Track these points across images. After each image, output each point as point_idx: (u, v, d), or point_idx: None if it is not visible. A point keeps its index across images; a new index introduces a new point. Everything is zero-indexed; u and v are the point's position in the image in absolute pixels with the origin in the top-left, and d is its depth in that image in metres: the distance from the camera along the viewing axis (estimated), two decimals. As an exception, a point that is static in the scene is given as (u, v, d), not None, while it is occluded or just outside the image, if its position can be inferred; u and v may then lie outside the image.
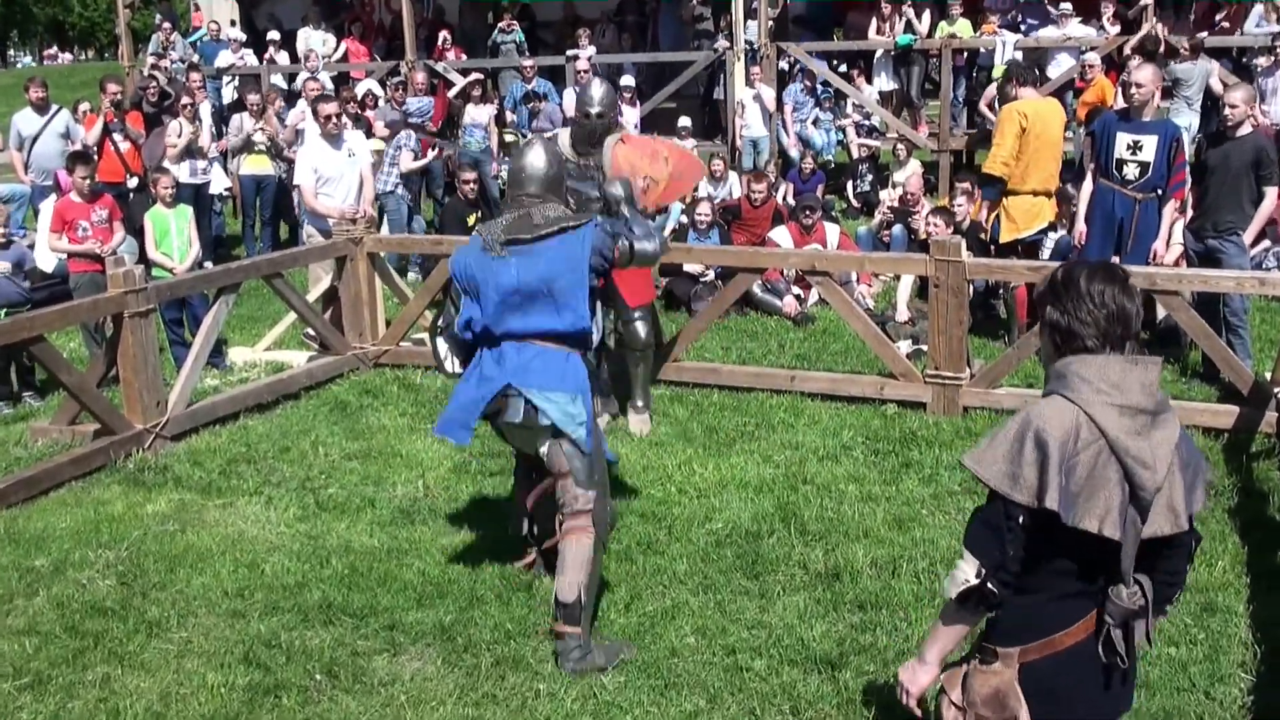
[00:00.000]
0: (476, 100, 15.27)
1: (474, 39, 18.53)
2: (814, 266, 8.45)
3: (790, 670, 4.78)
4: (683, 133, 15.03)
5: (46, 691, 4.82)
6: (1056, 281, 2.99)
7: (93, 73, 23.89)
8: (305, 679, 4.83)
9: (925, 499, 6.46)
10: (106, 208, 9.54)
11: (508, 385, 4.96)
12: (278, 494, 6.82)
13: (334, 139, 10.13)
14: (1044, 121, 9.05)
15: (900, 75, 16.34)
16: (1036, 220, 9.12)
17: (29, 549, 6.18)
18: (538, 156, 5.20)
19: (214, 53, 18.09)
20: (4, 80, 30.75)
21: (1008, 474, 2.90)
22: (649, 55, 17.93)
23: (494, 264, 4.98)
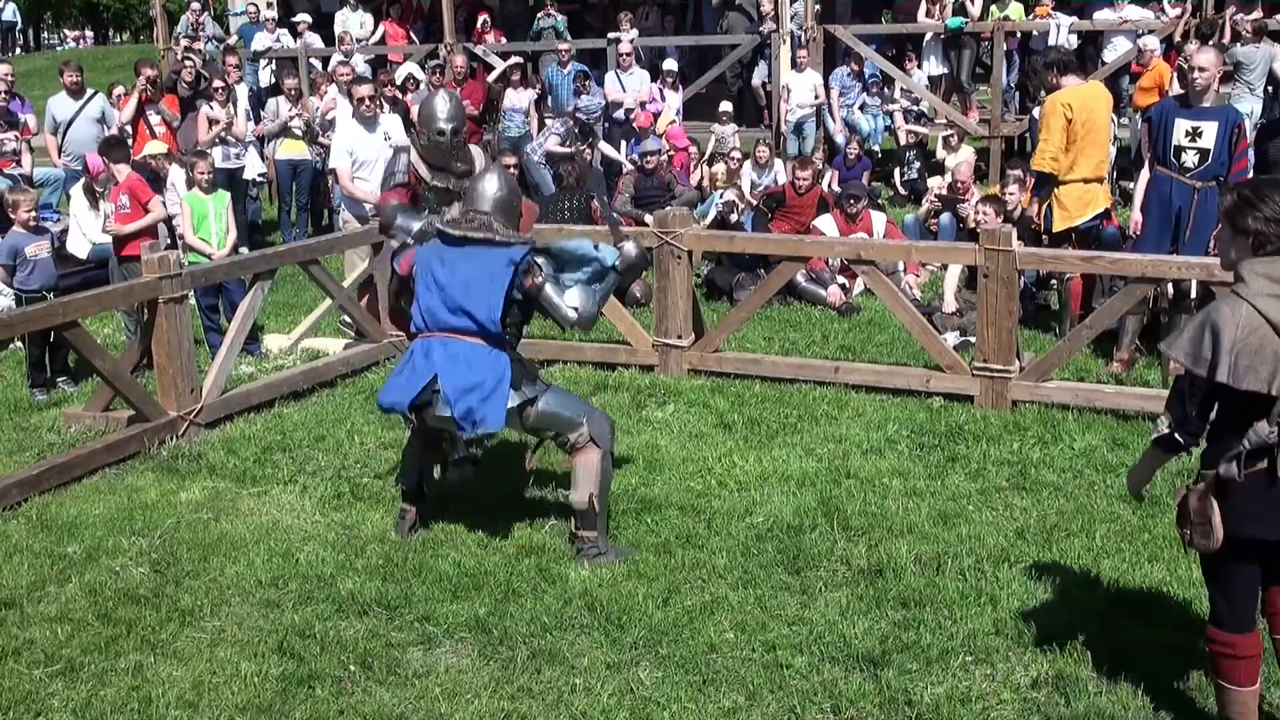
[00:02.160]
0: (516, 85, 15.31)
1: (514, 22, 18.59)
2: (859, 255, 8.43)
3: (831, 668, 4.78)
4: (723, 118, 15.01)
5: (78, 679, 4.89)
6: (1251, 195, 3.85)
7: (128, 56, 24.11)
8: (339, 670, 4.87)
9: (971, 494, 6.43)
10: (127, 191, 9.64)
11: (433, 379, 5.60)
12: (312, 483, 6.88)
13: (368, 122, 10.18)
14: (1089, 109, 8.96)
15: (950, 59, 16.24)
16: (1090, 208, 9.04)
17: (61, 536, 6.27)
18: (492, 182, 5.88)
19: (252, 35, 18.22)
20: (39, 63, 31.09)
21: (1190, 354, 3.82)
22: (692, 38, 17.93)
23: (434, 256, 5.72)
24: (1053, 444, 7.12)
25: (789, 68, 15.64)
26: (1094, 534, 5.85)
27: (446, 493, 6.35)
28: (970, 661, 4.79)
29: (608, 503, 5.91)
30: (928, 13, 16.02)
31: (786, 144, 15.52)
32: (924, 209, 12.59)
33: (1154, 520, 5.96)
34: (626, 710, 4.55)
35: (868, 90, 15.92)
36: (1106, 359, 8.54)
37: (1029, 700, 4.55)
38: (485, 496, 6.48)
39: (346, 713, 4.59)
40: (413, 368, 5.68)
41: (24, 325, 7.41)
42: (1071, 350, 7.94)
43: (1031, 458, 6.91)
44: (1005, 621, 5.05)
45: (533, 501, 6.44)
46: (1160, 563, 5.52)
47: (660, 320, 8.77)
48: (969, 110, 15.99)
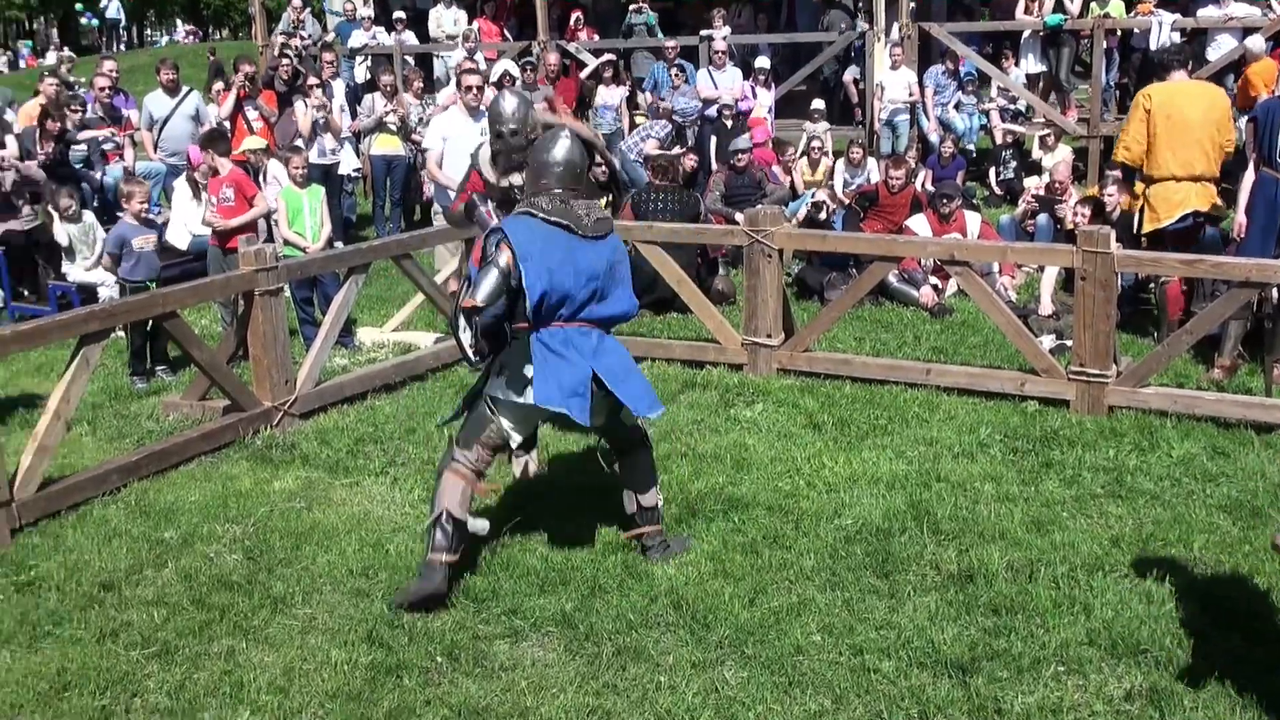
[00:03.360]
0: (608, 82, 15.35)
1: (606, 19, 18.64)
2: (953, 256, 8.33)
3: (919, 673, 4.74)
4: (815, 115, 14.93)
5: (173, 661, 5.00)
6: None
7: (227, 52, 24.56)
8: (426, 660, 4.93)
9: (1066, 501, 6.33)
10: (233, 185, 9.82)
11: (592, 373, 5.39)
12: (403, 474, 6.97)
13: (473, 111, 10.25)
14: (1175, 104, 8.78)
15: (1049, 57, 15.98)
16: (1179, 208, 8.86)
17: (159, 521, 6.41)
18: (575, 150, 5.58)
19: (349, 32, 18.48)
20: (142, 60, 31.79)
21: None
22: (785, 36, 17.84)
23: (581, 246, 5.40)
24: (1150, 451, 6.99)
25: (884, 65, 15.52)
26: (1191, 544, 5.73)
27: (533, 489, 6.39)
28: (1062, 671, 4.72)
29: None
30: (1026, 9, 15.78)
31: (880, 142, 15.40)
32: (1020, 209, 12.42)
33: (1255, 532, 5.83)
34: (711, 710, 4.55)
35: (963, 88, 15.74)
36: (1207, 365, 8.36)
37: (1122, 713, 4.47)
38: (573, 493, 6.52)
39: (433, 703, 4.64)
40: (570, 362, 5.33)
41: (125, 315, 7.57)
42: (1171, 355, 7.78)
43: (1128, 465, 6.78)
44: (1099, 631, 4.97)
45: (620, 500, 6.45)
46: (1261, 576, 5.39)
47: (750, 319, 8.74)
48: (1067, 109, 15.73)
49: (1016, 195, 13.70)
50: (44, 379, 9.04)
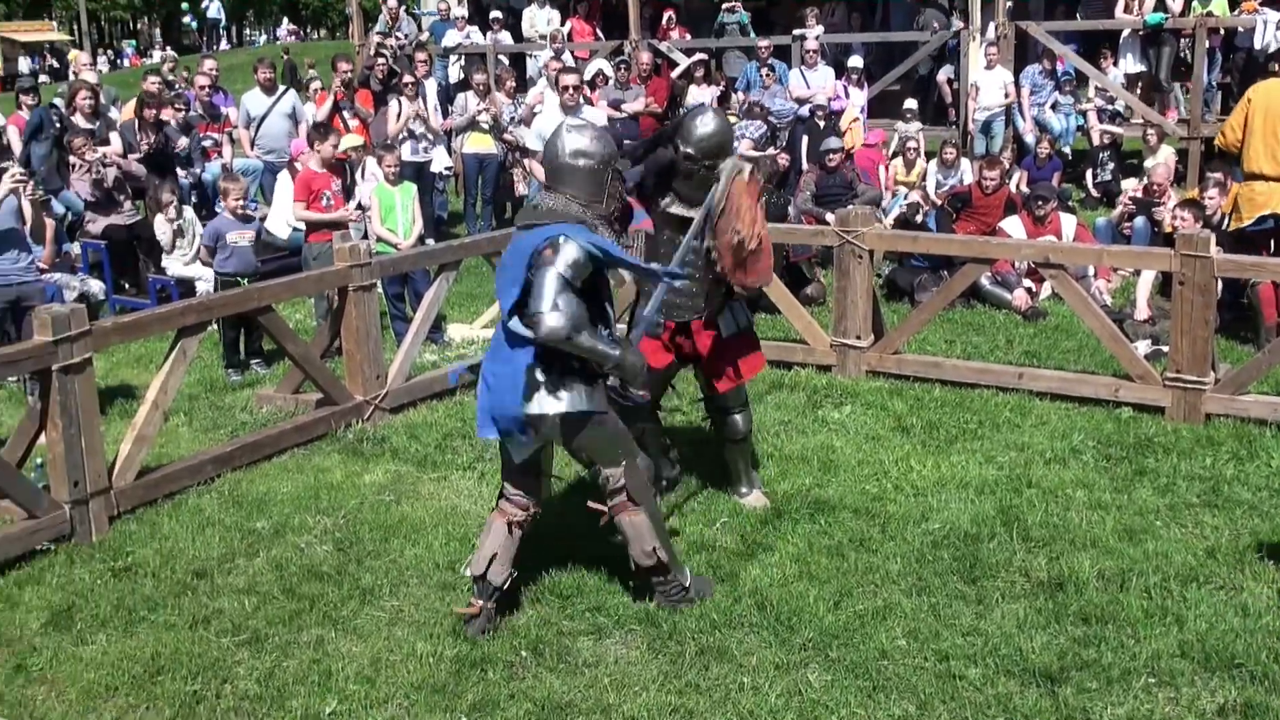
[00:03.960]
0: (699, 81, 15.33)
1: (698, 18, 18.61)
2: (1048, 258, 8.21)
3: (1006, 681, 4.68)
4: (908, 115, 14.80)
5: (263, 649, 5.09)
6: None
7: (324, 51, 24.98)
8: (511, 654, 4.97)
9: (1160, 510, 6.22)
10: (339, 178, 10.09)
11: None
12: (491, 470, 7.01)
13: (571, 110, 10.31)
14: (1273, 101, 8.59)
15: (1149, 56, 15.67)
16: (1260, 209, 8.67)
17: (251, 511, 6.53)
18: (559, 141, 5.10)
19: (443, 32, 18.67)
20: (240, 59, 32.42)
21: None
22: (879, 35, 17.68)
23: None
24: (1248, 460, 6.83)
25: (979, 65, 15.33)
26: (1291, 556, 5.60)
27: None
28: (1153, 683, 4.63)
29: (669, 546, 5.32)
30: (1126, 8, 15.50)
31: (974, 143, 15.21)
32: (1118, 212, 12.20)
33: (1358, 545, 5.67)
34: (794, 712, 4.53)
35: (1060, 88, 15.49)
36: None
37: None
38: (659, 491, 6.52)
39: (516, 697, 4.68)
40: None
41: (221, 309, 7.73)
42: (1271, 362, 7.59)
43: (1225, 474, 6.64)
44: (1191, 644, 4.87)
45: (706, 498, 6.46)
46: (1364, 590, 5.25)
47: (839, 320, 8.69)
48: (1167, 110, 15.42)
49: (1114, 198, 13.46)
50: (143, 370, 9.26)
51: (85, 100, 12.71)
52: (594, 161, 5.04)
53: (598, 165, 5.05)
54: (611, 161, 5.12)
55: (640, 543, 5.19)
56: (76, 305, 6.62)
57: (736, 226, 5.67)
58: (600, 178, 5.07)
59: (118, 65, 44.50)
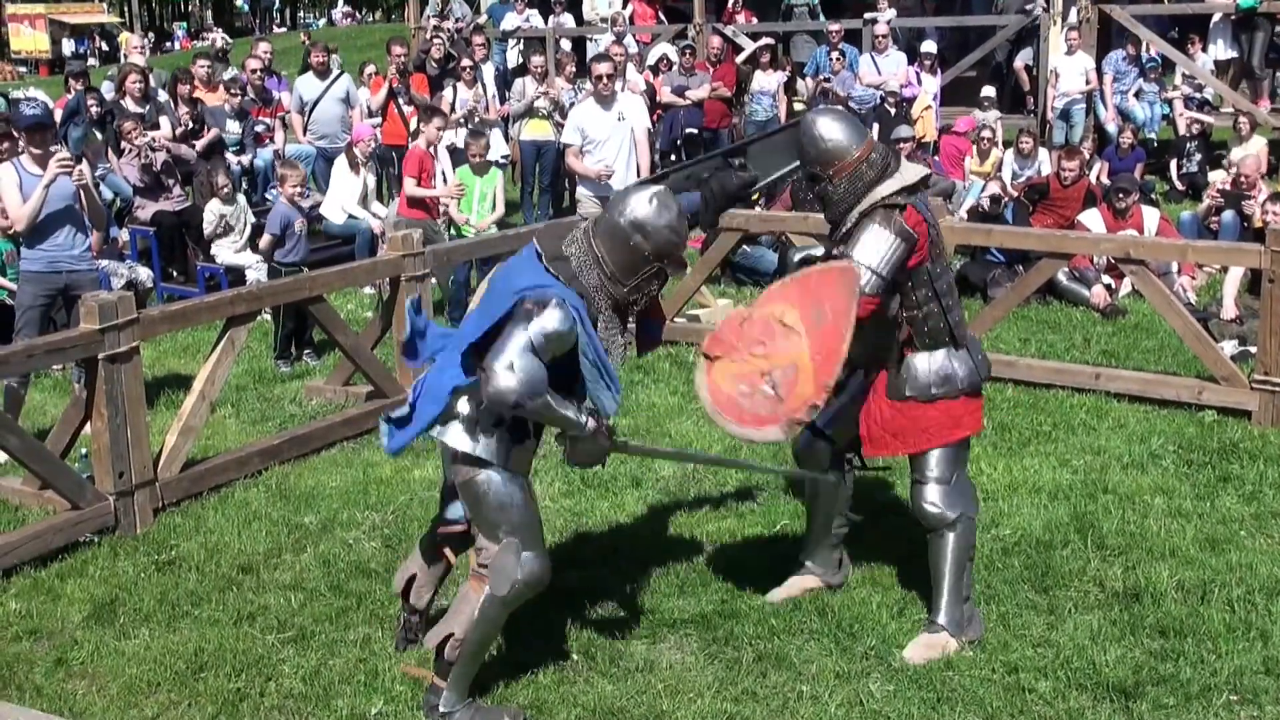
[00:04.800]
0: (765, 66, 15.29)
1: (765, 1, 18.57)
2: (1128, 254, 8.12)
3: (1078, 696, 4.63)
4: (985, 103, 14.67)
5: (309, 646, 5.14)
6: None
7: (379, 35, 25.14)
8: (561, 658, 4.98)
9: (1245, 518, 6.13)
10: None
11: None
12: (544, 467, 7.03)
13: (605, 100, 10.35)
14: None
15: (1241, 42, 15.46)
16: None
17: (299, 505, 6.60)
18: (630, 198, 4.57)
19: (502, 15, 18.75)
20: (293, 41, 32.73)
21: None
22: (953, 19, 17.55)
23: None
24: (1340, 468, 6.73)
25: (1059, 50, 15.16)
26: (1385, 570, 5.50)
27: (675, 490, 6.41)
28: (1235, 701, 4.57)
29: (480, 660, 4.67)
30: (1217, -9, 15.30)
31: (1053, 132, 15.05)
32: (1204, 205, 12.04)
33: None
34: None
35: (1145, 75, 15.31)
36: None
37: (1301, 747, 4.32)
38: (717, 494, 6.52)
39: (567, 701, 4.69)
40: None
41: (271, 298, 7.81)
42: (1367, 366, 7.47)
43: (1316, 482, 6.54)
44: (1276, 660, 4.80)
45: (766, 500, 6.44)
46: None
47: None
48: (1260, 98, 15.18)
49: (1200, 190, 13.28)
50: (190, 360, 9.37)
51: (135, 84, 12.89)
52: (645, 246, 4.49)
53: (647, 253, 4.50)
54: (662, 258, 4.53)
55: (454, 620, 4.58)
56: (124, 293, 6.72)
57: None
58: (639, 265, 4.52)
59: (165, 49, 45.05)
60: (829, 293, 4.69)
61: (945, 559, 5.02)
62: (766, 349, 4.76)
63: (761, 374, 4.73)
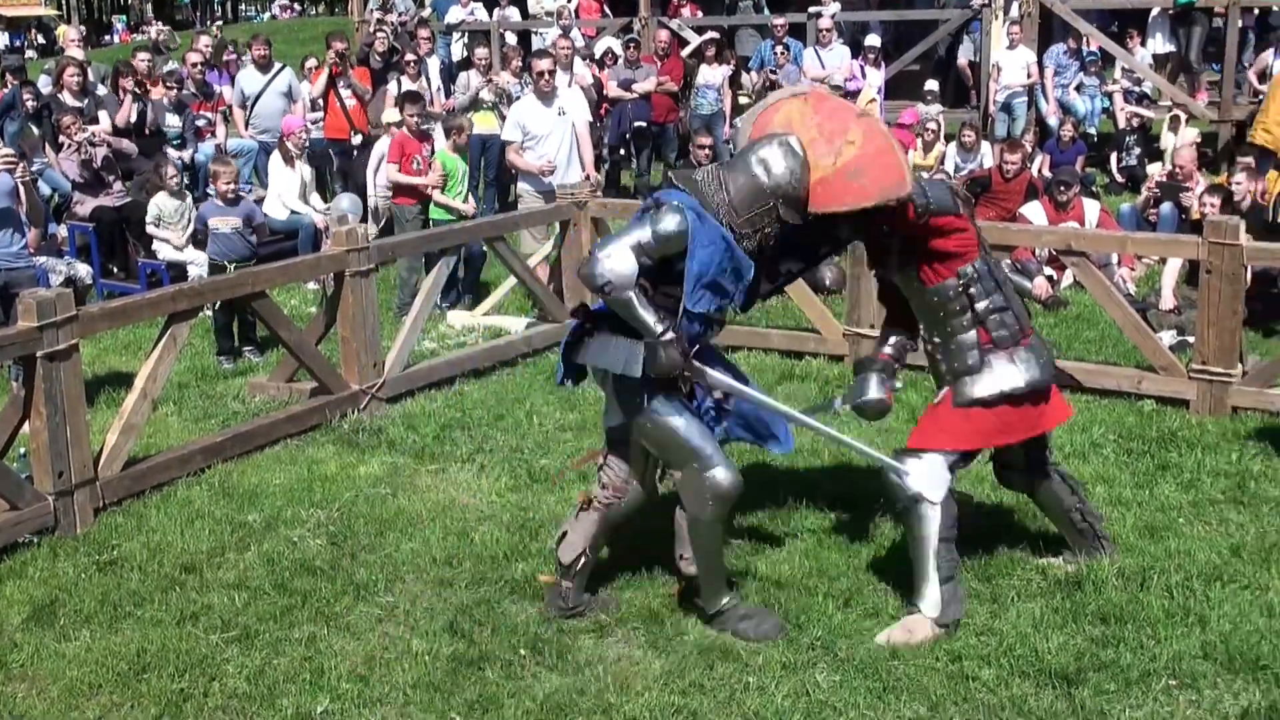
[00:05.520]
0: (711, 60, 15.31)
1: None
2: (1069, 246, 8.21)
3: (1021, 683, 4.68)
4: (928, 97, 14.77)
5: (253, 646, 5.11)
6: None
7: (321, 28, 24.93)
8: (509, 653, 4.98)
9: (1183, 506, 6.21)
10: (430, 146, 10.85)
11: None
12: (490, 462, 7.04)
13: (546, 96, 10.36)
14: None
15: (1179, 36, 15.64)
16: None
17: (242, 504, 6.55)
18: (761, 144, 4.94)
19: (446, 8, 18.64)
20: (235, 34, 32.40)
21: None
22: (897, 13, 17.64)
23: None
24: (1276, 456, 6.83)
25: (1001, 44, 15.29)
26: (1319, 555, 5.60)
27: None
28: (1174, 686, 4.63)
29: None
30: (1155, -14, 15.47)
31: (994, 125, 15.18)
32: (1143, 197, 12.18)
33: (1389, 544, 5.67)
34: (801, 713, 4.54)
35: (1085, 69, 15.45)
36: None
37: (1238, 730, 4.39)
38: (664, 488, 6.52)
39: (516, 696, 4.69)
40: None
41: (213, 294, 7.74)
42: (1303, 355, 7.60)
43: (1251, 470, 6.64)
44: (1214, 645, 4.87)
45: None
46: (1394, 590, 5.24)
47: (853, 309, 8.69)
48: (1197, 92, 15.38)
49: (1140, 183, 13.43)
50: (131, 357, 9.26)
51: (73, 77, 12.69)
52: (766, 182, 4.84)
53: (766, 187, 4.85)
54: (778, 196, 4.86)
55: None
56: (63, 290, 6.64)
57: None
58: (757, 199, 4.85)
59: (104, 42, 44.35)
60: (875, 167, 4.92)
61: (914, 540, 5.15)
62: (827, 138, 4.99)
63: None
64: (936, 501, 5.08)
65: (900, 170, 4.89)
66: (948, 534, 5.10)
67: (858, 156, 4.93)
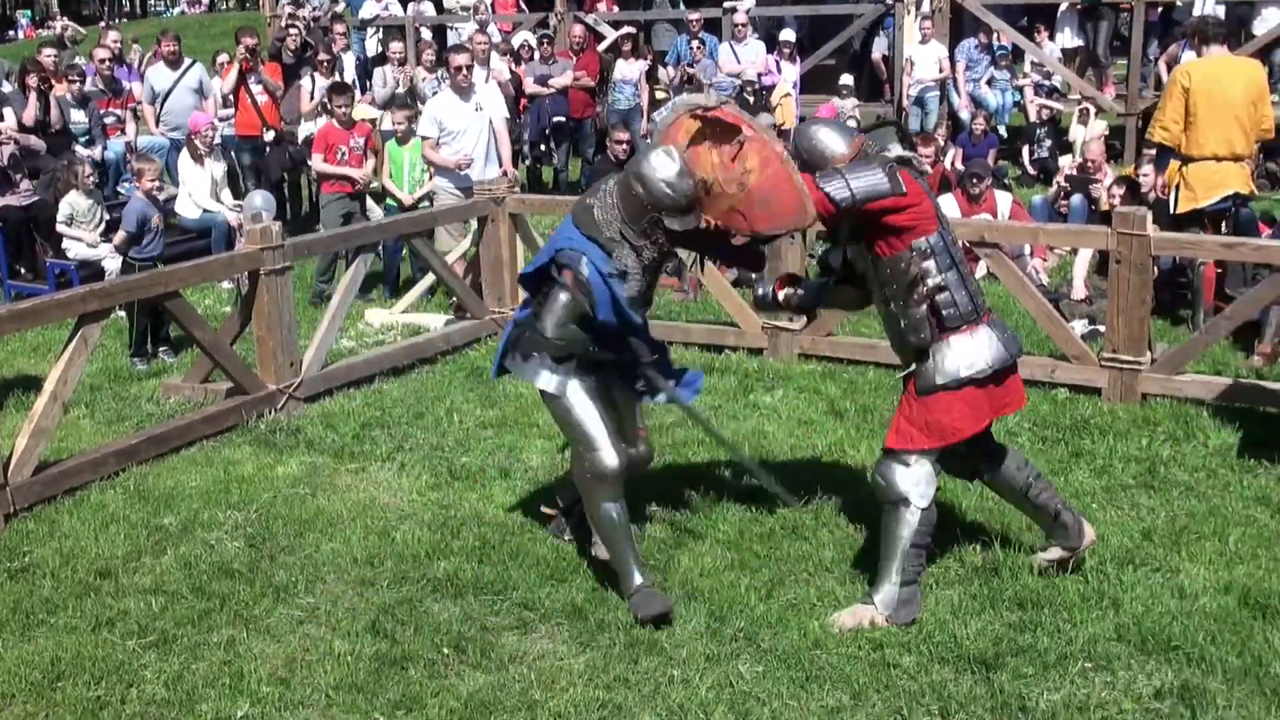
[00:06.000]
0: (627, 55, 15.31)
1: (627, -11, 18.60)
2: (983, 238, 8.31)
3: (941, 669, 4.74)
4: (843, 91, 14.88)
5: (171, 651, 5.03)
6: None
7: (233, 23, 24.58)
8: (432, 652, 4.95)
9: (1096, 492, 6.32)
10: (363, 135, 11.01)
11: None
12: (410, 460, 6.99)
13: (463, 91, 10.33)
14: (1216, 81, 8.72)
15: (1086, 31, 15.91)
16: (1217, 189, 8.79)
17: (158, 507, 6.45)
18: (640, 156, 5.30)
19: (360, 3, 18.47)
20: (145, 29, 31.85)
21: None
22: (811, 7, 17.76)
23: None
24: (1185, 441, 6.97)
25: (914, 38, 15.45)
26: (1227, 538, 5.72)
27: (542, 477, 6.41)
28: (1090, 668, 4.72)
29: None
30: (1064, -19, 15.71)
31: (908, 119, 15.33)
32: (1054, 190, 12.36)
33: (1294, 525, 5.82)
34: (725, 705, 4.56)
35: (996, 63, 15.67)
36: (1246, 352, 8.32)
37: (1151, 711, 4.47)
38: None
39: (440, 695, 4.66)
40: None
41: (125, 295, 7.60)
42: (1208, 342, 7.75)
43: (1161, 455, 6.77)
44: (1128, 627, 4.96)
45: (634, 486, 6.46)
46: (1299, 570, 5.38)
47: (771, 302, 8.72)
48: (1105, 85, 15.65)
49: (1051, 175, 13.64)
50: (41, 360, 9.09)
51: (-26, 75, 12.44)
52: (643, 197, 5.12)
53: (645, 203, 5.12)
54: (658, 210, 5.11)
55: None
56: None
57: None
58: (640, 213, 5.15)
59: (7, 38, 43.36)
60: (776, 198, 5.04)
61: (887, 537, 5.16)
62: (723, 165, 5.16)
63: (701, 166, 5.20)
64: (921, 507, 5.11)
65: (797, 201, 4.97)
66: (921, 540, 5.14)
67: (759, 185, 5.07)
